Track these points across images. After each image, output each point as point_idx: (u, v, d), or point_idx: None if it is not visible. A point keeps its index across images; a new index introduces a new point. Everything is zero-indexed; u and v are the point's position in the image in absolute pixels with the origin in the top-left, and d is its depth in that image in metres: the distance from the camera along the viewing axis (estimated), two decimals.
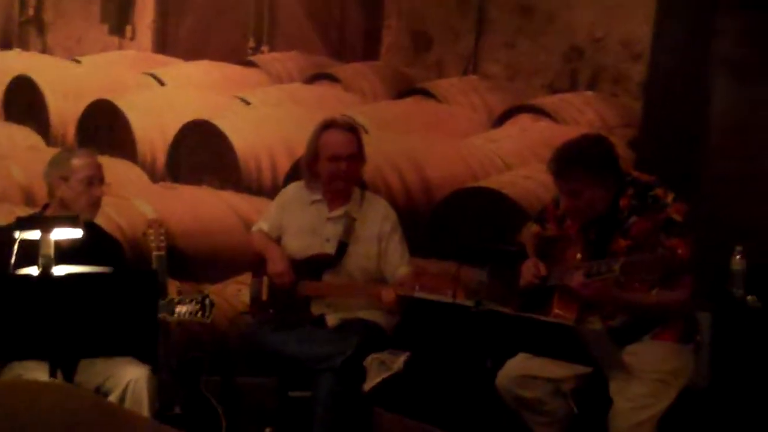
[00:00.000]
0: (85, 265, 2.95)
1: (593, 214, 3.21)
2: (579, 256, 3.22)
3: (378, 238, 3.81)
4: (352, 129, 3.82)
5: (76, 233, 2.97)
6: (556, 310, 3.18)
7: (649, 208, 3.16)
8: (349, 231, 3.79)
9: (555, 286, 3.24)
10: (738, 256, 3.63)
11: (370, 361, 3.62)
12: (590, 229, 3.26)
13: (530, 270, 3.26)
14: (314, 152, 3.77)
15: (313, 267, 3.80)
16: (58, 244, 2.98)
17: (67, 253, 3.34)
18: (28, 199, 4.49)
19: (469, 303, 2.68)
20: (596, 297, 3.08)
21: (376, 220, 3.83)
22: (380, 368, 3.60)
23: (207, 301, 3.65)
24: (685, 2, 4.48)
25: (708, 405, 3.43)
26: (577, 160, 3.16)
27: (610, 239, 3.19)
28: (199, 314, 3.64)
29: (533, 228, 3.53)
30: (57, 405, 1.90)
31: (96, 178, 3.59)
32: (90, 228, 3.70)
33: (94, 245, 3.61)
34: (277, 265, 3.78)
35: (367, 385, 3.55)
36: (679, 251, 3.04)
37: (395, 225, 3.86)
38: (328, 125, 3.79)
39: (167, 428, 2.39)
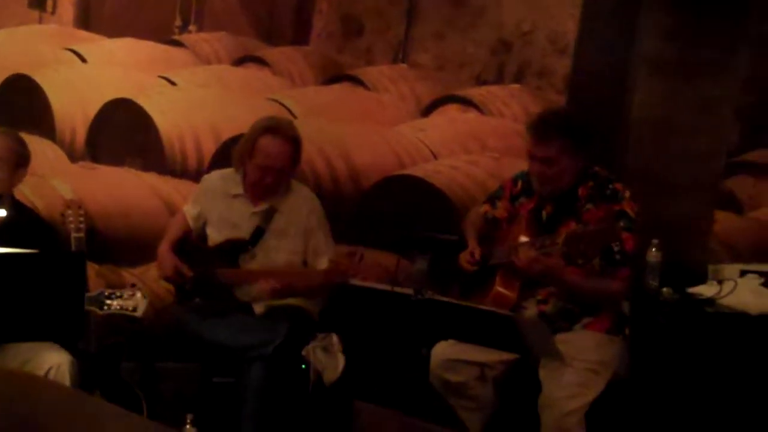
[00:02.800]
0: (9, 245, 2.83)
1: (557, 188, 3.25)
2: (524, 238, 3.24)
3: (304, 232, 3.75)
4: (293, 139, 3.67)
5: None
6: (498, 288, 3.22)
7: (607, 199, 3.23)
8: (268, 219, 3.73)
9: (497, 264, 3.27)
10: (654, 249, 3.72)
11: (311, 349, 3.59)
12: (542, 210, 3.30)
13: (466, 258, 3.28)
14: (249, 150, 3.66)
15: (227, 252, 3.73)
16: None
17: None
18: None
19: (408, 291, 2.68)
20: (543, 272, 3.11)
21: (302, 214, 3.77)
22: (327, 354, 3.57)
23: (139, 295, 3.54)
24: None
25: (628, 394, 3.52)
26: (560, 125, 3.20)
27: (561, 222, 3.24)
28: (130, 309, 3.53)
29: (482, 208, 3.55)
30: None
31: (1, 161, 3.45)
32: (17, 208, 3.58)
33: (21, 226, 3.48)
34: (163, 269, 3.77)
35: (331, 376, 3.51)
36: (627, 244, 3.12)
37: (321, 218, 3.81)
38: (269, 129, 3.65)
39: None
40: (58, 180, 4.42)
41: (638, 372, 3.72)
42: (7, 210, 3.45)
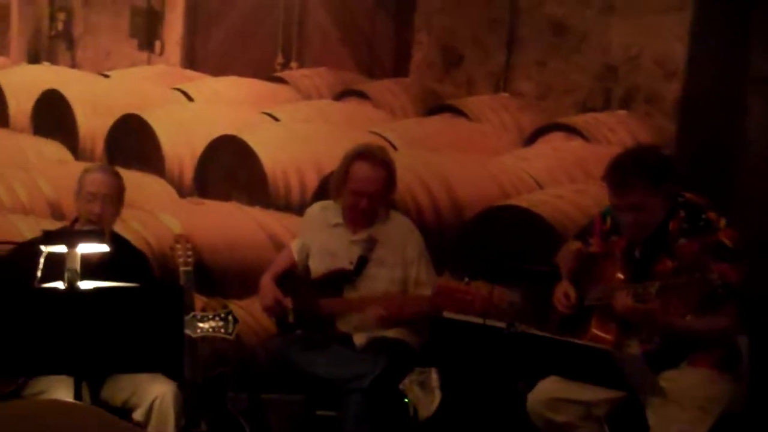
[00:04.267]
0: (110, 279, 2.92)
1: (650, 230, 3.12)
2: (621, 275, 3.13)
3: (403, 263, 3.73)
4: (385, 164, 3.68)
5: (102, 248, 2.94)
6: (594, 331, 3.10)
7: (700, 230, 3.06)
8: (370, 248, 3.73)
9: (594, 306, 3.17)
10: None
11: (408, 384, 3.56)
12: (636, 248, 3.18)
13: (560, 301, 3.18)
14: (342, 178, 3.71)
15: (332, 283, 3.74)
16: (85, 258, 2.97)
17: (93, 267, 3.33)
18: (55, 212, 4.49)
19: (501, 325, 2.61)
20: (643, 320, 3.00)
21: (402, 245, 3.75)
22: (423, 390, 3.54)
23: (230, 317, 3.61)
24: (721, 20, 4.41)
25: (743, 429, 3.34)
26: (637, 169, 3.06)
27: (656, 259, 3.11)
28: (222, 330, 3.60)
29: (574, 245, 3.45)
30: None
31: (99, 196, 3.56)
32: (116, 242, 3.69)
33: (120, 259, 3.59)
34: (263, 299, 3.79)
35: (425, 412, 3.48)
36: (728, 276, 2.93)
37: (421, 248, 3.77)
38: (360, 154, 3.68)
39: None
40: (167, 215, 4.57)
41: (756, 407, 3.54)
42: (109, 244, 3.56)
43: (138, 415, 3.37)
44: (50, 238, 2.84)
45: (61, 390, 3.14)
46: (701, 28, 4.44)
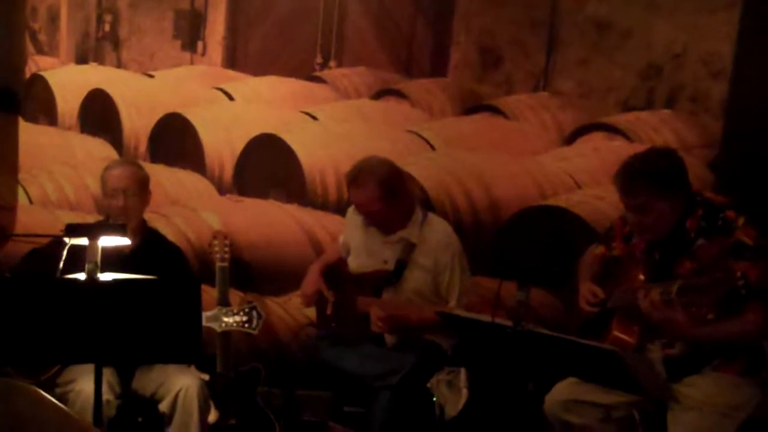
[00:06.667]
0: (140, 272, 3.00)
1: (660, 232, 3.07)
2: (642, 277, 3.09)
3: (435, 266, 3.71)
4: (374, 183, 3.64)
5: (124, 241, 3.01)
6: (616, 333, 3.06)
7: (718, 230, 2.99)
8: (407, 253, 3.73)
9: (616, 307, 3.13)
10: None
11: (435, 382, 3.57)
12: (655, 250, 3.13)
13: (588, 299, 3.15)
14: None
15: (373, 283, 3.76)
16: (114, 250, 3.04)
17: (123, 259, 3.42)
18: (101, 209, 4.61)
19: (507, 323, 2.60)
20: (663, 323, 2.95)
21: (436, 248, 3.72)
22: (450, 389, 3.54)
23: (255, 313, 3.67)
24: None
25: None
26: (644, 174, 3.01)
27: (676, 261, 3.05)
28: (246, 325, 3.65)
29: (597, 249, 3.41)
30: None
31: (120, 190, 3.63)
32: (150, 236, 3.78)
33: (152, 253, 3.68)
34: (305, 286, 3.83)
35: (451, 411, 3.48)
36: (750, 275, 2.86)
37: (455, 254, 3.73)
38: (349, 182, 3.73)
39: None
40: (207, 212, 4.66)
41: None
42: (137, 236, 3.64)
43: (164, 406, 3.45)
44: (73, 230, 2.92)
45: (89, 379, 3.23)
46: (749, 26, 4.32)
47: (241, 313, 3.67)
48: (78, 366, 3.37)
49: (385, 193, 3.65)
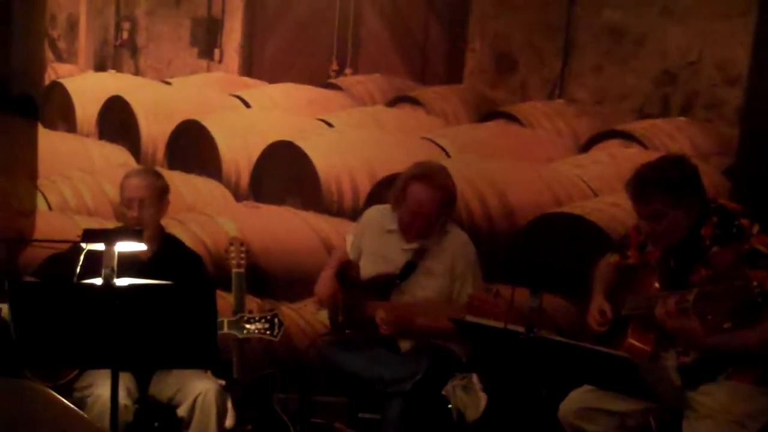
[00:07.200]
0: (158, 278, 3.02)
1: (674, 240, 3.08)
2: (657, 285, 3.09)
3: (451, 275, 3.72)
4: (443, 187, 3.67)
5: (140, 246, 3.04)
6: (631, 341, 3.06)
7: (733, 238, 2.99)
8: (419, 256, 3.74)
9: (631, 315, 3.12)
10: None
11: (451, 388, 3.57)
12: (670, 258, 3.13)
13: (596, 318, 3.15)
14: (400, 195, 3.71)
15: (379, 286, 3.77)
16: (132, 257, 3.07)
17: (141, 265, 3.45)
18: (119, 215, 4.65)
19: (520, 330, 2.60)
20: (677, 332, 2.95)
21: (453, 257, 3.74)
22: (467, 393, 3.54)
23: (276, 320, 3.69)
24: None
25: None
26: (655, 182, 3.02)
27: (691, 269, 3.05)
28: (268, 333, 3.68)
29: (612, 258, 3.41)
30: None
31: (136, 200, 3.66)
32: (169, 243, 3.81)
33: (170, 259, 3.70)
34: (320, 290, 3.84)
35: (473, 414, 3.48)
36: (766, 284, 2.86)
37: (471, 263, 3.75)
38: (419, 176, 3.67)
39: None
40: (223, 218, 4.69)
41: None
42: (154, 243, 3.67)
43: (182, 411, 3.47)
44: (90, 236, 2.95)
45: (107, 384, 3.25)
46: (765, 33, 4.31)
47: (263, 320, 3.69)
48: (96, 371, 3.41)
49: (444, 200, 3.67)
